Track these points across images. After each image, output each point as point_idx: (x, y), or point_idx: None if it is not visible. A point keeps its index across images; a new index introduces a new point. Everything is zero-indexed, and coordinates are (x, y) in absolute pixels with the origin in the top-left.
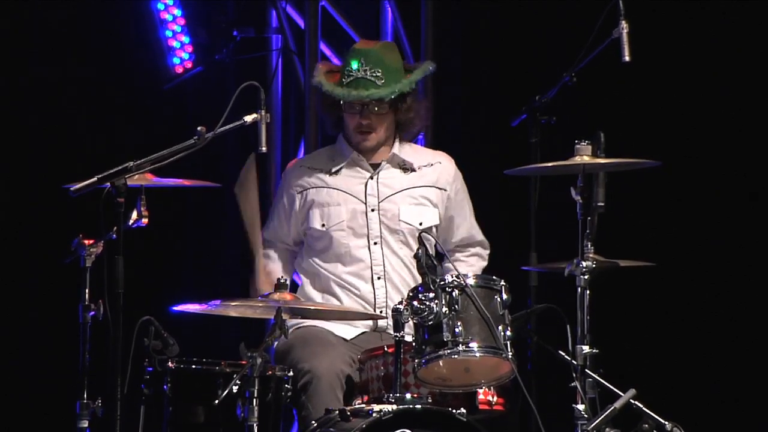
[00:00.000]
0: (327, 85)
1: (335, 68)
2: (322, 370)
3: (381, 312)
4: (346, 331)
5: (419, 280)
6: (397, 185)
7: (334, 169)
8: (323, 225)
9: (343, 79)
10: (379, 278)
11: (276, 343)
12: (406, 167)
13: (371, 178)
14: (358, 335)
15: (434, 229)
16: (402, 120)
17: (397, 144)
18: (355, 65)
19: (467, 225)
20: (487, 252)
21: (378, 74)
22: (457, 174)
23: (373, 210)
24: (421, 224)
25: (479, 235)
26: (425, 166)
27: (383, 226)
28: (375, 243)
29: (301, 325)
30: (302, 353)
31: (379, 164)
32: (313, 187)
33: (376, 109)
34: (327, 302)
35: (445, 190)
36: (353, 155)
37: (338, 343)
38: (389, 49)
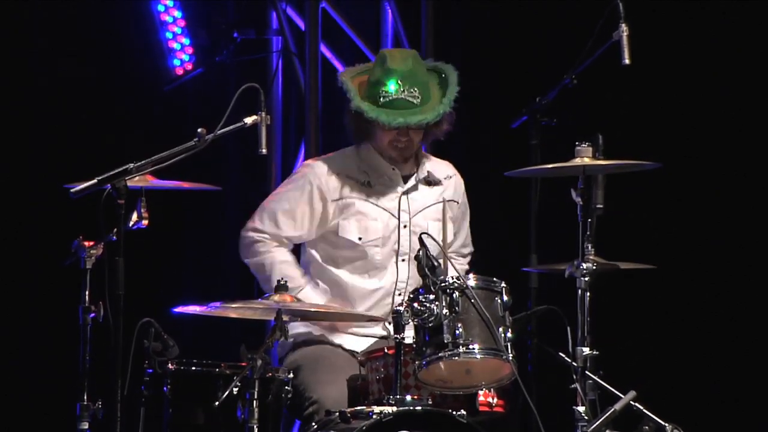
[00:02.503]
0: (368, 108)
1: (361, 73)
2: (330, 402)
3: None
4: (357, 343)
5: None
6: (426, 200)
7: (367, 181)
8: (360, 238)
9: (380, 99)
10: (399, 294)
11: (282, 351)
12: (430, 181)
13: (404, 193)
14: (369, 345)
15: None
16: (434, 131)
17: (421, 155)
18: (392, 87)
19: (464, 234)
20: (468, 259)
21: (415, 93)
22: (463, 186)
23: (405, 226)
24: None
25: (470, 246)
26: (445, 178)
27: (412, 242)
28: (403, 260)
29: (309, 339)
30: (310, 379)
31: (409, 176)
32: (350, 198)
33: (414, 126)
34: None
35: (458, 202)
36: (386, 169)
37: (347, 365)
38: (418, 62)
